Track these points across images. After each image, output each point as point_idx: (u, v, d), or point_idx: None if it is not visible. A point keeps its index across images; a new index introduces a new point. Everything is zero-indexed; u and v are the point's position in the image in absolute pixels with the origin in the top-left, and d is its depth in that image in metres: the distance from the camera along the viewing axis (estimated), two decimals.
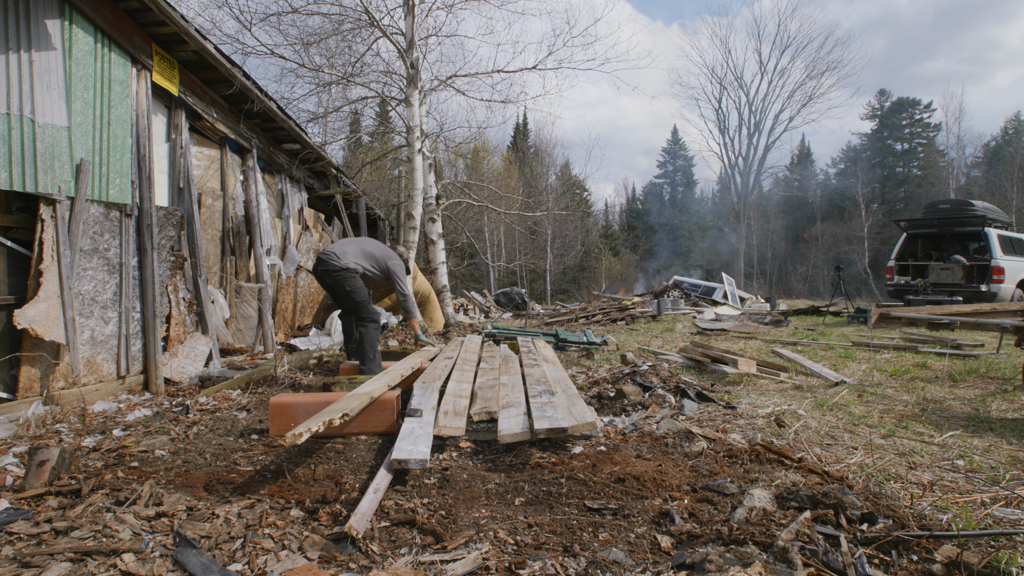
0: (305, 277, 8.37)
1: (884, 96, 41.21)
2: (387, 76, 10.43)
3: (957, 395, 3.88)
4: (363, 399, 2.98)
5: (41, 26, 3.92)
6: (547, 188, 29.21)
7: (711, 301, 13.95)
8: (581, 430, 2.88)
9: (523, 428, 2.84)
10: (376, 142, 20.76)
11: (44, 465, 2.40)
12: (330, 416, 2.57)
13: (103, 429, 3.44)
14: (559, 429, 2.77)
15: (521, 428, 2.83)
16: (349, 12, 9.05)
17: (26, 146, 3.77)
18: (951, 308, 6.52)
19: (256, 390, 4.52)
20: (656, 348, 6.53)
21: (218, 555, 1.82)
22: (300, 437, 2.31)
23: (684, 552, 1.76)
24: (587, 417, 2.96)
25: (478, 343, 5.91)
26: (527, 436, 2.81)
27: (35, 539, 1.87)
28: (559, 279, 30.94)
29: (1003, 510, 2.01)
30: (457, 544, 1.89)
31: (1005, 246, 10.55)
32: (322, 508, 2.22)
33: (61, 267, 3.95)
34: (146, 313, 4.70)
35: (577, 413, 3.06)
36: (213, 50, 5.42)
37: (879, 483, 2.29)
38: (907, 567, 1.67)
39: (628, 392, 3.93)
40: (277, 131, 7.51)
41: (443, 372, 4.19)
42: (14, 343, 3.82)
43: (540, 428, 2.77)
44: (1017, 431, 2.99)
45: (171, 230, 5.12)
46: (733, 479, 2.34)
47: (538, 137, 34.23)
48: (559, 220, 26.07)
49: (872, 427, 3.14)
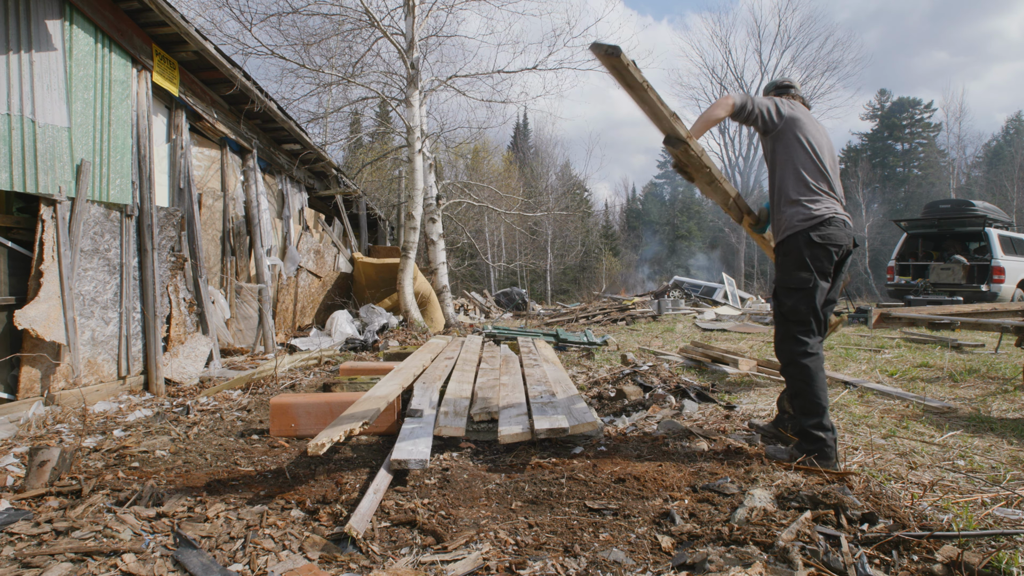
0: (306, 277, 8.37)
1: (884, 96, 41.21)
2: (387, 76, 10.44)
3: (958, 395, 3.88)
4: (379, 403, 2.95)
5: (41, 27, 3.93)
6: (547, 188, 29.21)
7: (711, 301, 13.95)
8: (581, 430, 2.88)
9: (523, 428, 2.84)
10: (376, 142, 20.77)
11: (45, 465, 2.40)
12: (351, 425, 2.52)
13: (104, 429, 3.44)
14: (559, 429, 2.77)
15: (521, 428, 2.83)
16: (349, 13, 9.06)
17: (26, 146, 3.77)
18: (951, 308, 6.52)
19: (256, 390, 4.52)
20: (656, 348, 6.53)
21: (218, 555, 1.82)
22: (322, 447, 2.26)
23: (685, 552, 1.76)
24: (587, 417, 2.96)
25: (479, 343, 5.91)
26: (527, 436, 2.80)
27: (36, 539, 1.88)
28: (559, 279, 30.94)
29: (1004, 510, 2.01)
30: (458, 544, 1.89)
31: (1005, 246, 10.55)
32: (322, 508, 2.22)
33: (62, 267, 3.95)
34: (146, 313, 4.70)
35: (577, 413, 3.06)
36: (213, 50, 5.42)
37: (880, 483, 2.29)
38: (908, 567, 1.67)
39: (628, 392, 3.93)
40: (277, 131, 7.52)
41: (443, 372, 4.19)
42: (15, 343, 3.82)
43: (540, 428, 2.77)
44: (1018, 431, 2.99)
45: (171, 230, 5.12)
46: (733, 479, 2.34)
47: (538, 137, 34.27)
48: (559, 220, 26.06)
49: (872, 427, 3.14)
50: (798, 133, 2.62)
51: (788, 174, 2.63)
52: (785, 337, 2.59)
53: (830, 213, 2.55)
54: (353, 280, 9.74)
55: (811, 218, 2.54)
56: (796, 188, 2.60)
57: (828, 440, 2.46)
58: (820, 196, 2.59)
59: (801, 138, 2.62)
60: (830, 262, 2.55)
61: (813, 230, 2.53)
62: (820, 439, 2.45)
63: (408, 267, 8.65)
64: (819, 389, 2.49)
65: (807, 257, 2.53)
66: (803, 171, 2.60)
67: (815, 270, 2.52)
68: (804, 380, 2.50)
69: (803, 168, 2.60)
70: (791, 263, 2.58)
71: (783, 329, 2.60)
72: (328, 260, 9.18)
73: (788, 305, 2.57)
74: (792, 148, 2.63)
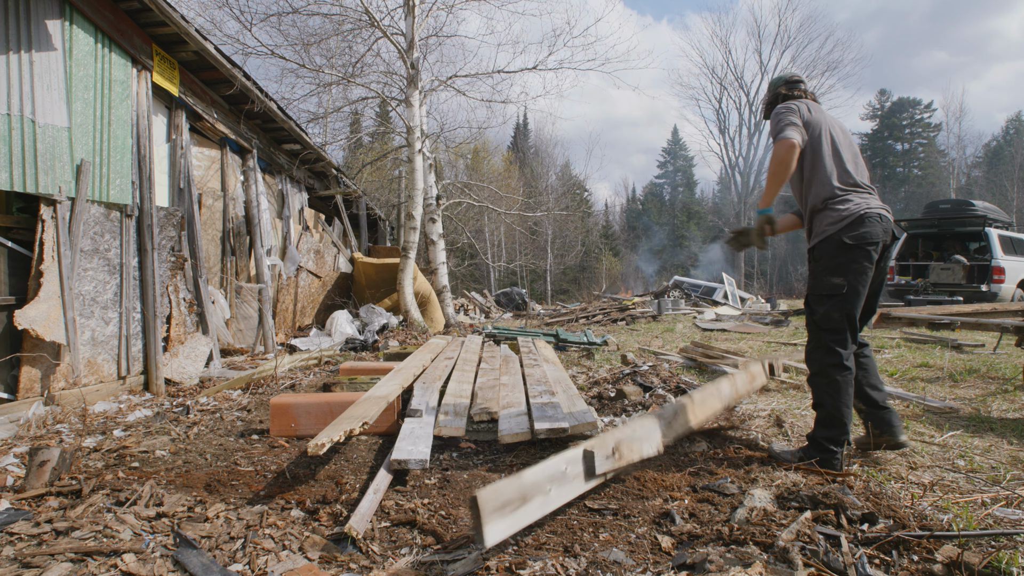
0: (306, 277, 8.37)
1: (884, 96, 41.23)
2: (387, 76, 10.44)
3: (958, 395, 3.88)
4: (379, 403, 2.95)
5: (41, 27, 3.93)
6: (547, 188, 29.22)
7: (711, 301, 13.95)
8: (581, 430, 2.88)
9: (523, 429, 2.84)
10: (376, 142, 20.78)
11: (45, 465, 2.40)
12: (350, 425, 2.53)
13: (104, 429, 3.44)
14: (559, 429, 2.77)
15: (521, 429, 2.83)
16: (349, 13, 9.06)
17: (27, 146, 3.77)
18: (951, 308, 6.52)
19: (256, 390, 4.52)
20: (656, 348, 6.53)
21: (218, 555, 1.82)
22: (322, 447, 2.28)
23: (685, 552, 1.76)
24: (587, 417, 2.96)
25: (479, 343, 5.91)
26: (527, 436, 2.80)
27: (36, 539, 1.88)
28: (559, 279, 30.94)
29: (1004, 510, 2.01)
30: (457, 544, 1.89)
31: (1006, 246, 10.55)
32: (322, 508, 2.22)
33: (62, 268, 3.95)
34: (147, 313, 4.70)
35: (577, 413, 3.06)
36: (213, 51, 5.42)
37: (880, 483, 2.29)
38: (908, 567, 1.67)
39: (629, 392, 3.93)
40: (277, 131, 7.52)
41: (443, 372, 4.19)
42: (15, 343, 3.82)
43: (540, 428, 2.77)
44: (1018, 431, 2.99)
45: (171, 230, 5.12)
46: (733, 479, 2.34)
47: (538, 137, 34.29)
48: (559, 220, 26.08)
49: None
50: (820, 135, 2.58)
51: (814, 179, 2.57)
52: (817, 346, 2.49)
53: (860, 210, 2.44)
54: (353, 280, 9.74)
55: (840, 219, 2.45)
56: (822, 191, 2.53)
57: (838, 455, 2.41)
58: (848, 193, 2.50)
59: (823, 140, 2.57)
60: (870, 262, 2.43)
61: (844, 232, 2.43)
62: (831, 452, 2.41)
63: (408, 267, 8.65)
64: (844, 405, 2.40)
65: (841, 261, 2.43)
66: (828, 173, 2.54)
67: (851, 273, 2.41)
68: (831, 394, 2.43)
69: (828, 170, 2.54)
70: (822, 269, 2.49)
71: (815, 338, 2.51)
72: (328, 260, 9.18)
73: (820, 312, 2.47)
74: (816, 151, 2.57)
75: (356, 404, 2.97)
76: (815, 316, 2.51)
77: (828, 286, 2.45)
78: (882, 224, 2.46)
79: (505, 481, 1.70)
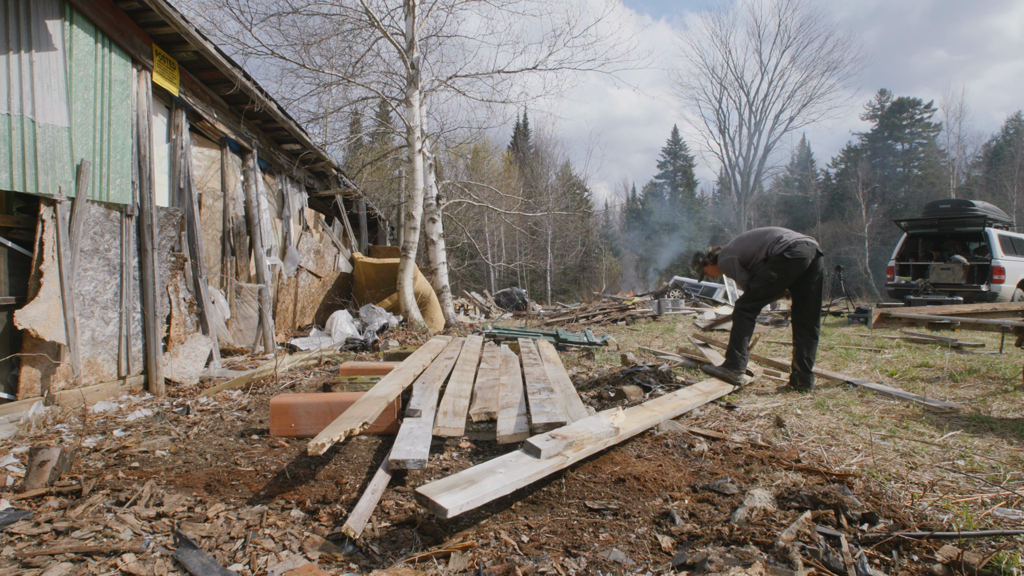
0: (306, 277, 8.38)
1: (884, 96, 41.24)
2: (387, 76, 10.44)
3: (958, 395, 3.88)
4: (379, 403, 2.95)
5: (41, 27, 3.93)
6: (547, 188, 29.21)
7: (711, 301, 13.95)
8: None
9: (522, 428, 2.84)
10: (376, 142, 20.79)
11: (45, 465, 2.40)
12: (350, 425, 2.53)
13: (104, 429, 3.44)
14: (556, 424, 2.78)
15: (520, 428, 2.84)
16: (349, 13, 9.06)
17: (27, 146, 3.77)
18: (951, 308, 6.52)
19: (256, 390, 4.52)
20: (656, 348, 6.53)
21: (219, 555, 1.82)
22: (322, 447, 2.28)
23: (685, 552, 1.76)
24: (584, 414, 2.96)
25: (479, 343, 5.91)
26: (526, 435, 2.80)
27: (36, 539, 1.88)
28: (559, 279, 30.94)
29: (1004, 510, 2.01)
30: (457, 545, 1.89)
31: (1006, 246, 10.55)
32: (322, 508, 2.22)
33: (62, 267, 3.95)
34: (147, 313, 4.70)
35: (574, 411, 3.06)
36: (213, 50, 5.42)
37: (880, 483, 2.29)
38: (908, 567, 1.67)
39: (628, 392, 3.93)
40: (277, 131, 7.52)
41: (443, 372, 4.19)
42: (15, 343, 3.82)
43: (538, 423, 2.78)
44: (1018, 431, 2.99)
45: (171, 230, 5.12)
46: (733, 479, 2.34)
47: (538, 137, 34.26)
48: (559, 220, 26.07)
49: (872, 427, 3.14)
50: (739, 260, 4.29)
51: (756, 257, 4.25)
52: (743, 300, 4.23)
53: (792, 240, 4.13)
54: (353, 280, 9.74)
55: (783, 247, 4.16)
56: (759, 253, 4.19)
57: (741, 359, 4.12)
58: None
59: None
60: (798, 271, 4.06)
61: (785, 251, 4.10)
62: (736, 357, 4.13)
63: (408, 267, 8.65)
64: (744, 334, 4.16)
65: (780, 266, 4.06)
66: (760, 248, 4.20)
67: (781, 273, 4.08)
68: (736, 327, 4.20)
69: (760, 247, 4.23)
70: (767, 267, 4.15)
71: (744, 297, 4.24)
72: (328, 260, 9.18)
73: (753, 287, 4.15)
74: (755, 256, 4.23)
75: (356, 404, 2.97)
76: (751, 286, 4.15)
77: (766, 276, 4.07)
78: (809, 247, 4.00)
79: (450, 476, 2.11)
